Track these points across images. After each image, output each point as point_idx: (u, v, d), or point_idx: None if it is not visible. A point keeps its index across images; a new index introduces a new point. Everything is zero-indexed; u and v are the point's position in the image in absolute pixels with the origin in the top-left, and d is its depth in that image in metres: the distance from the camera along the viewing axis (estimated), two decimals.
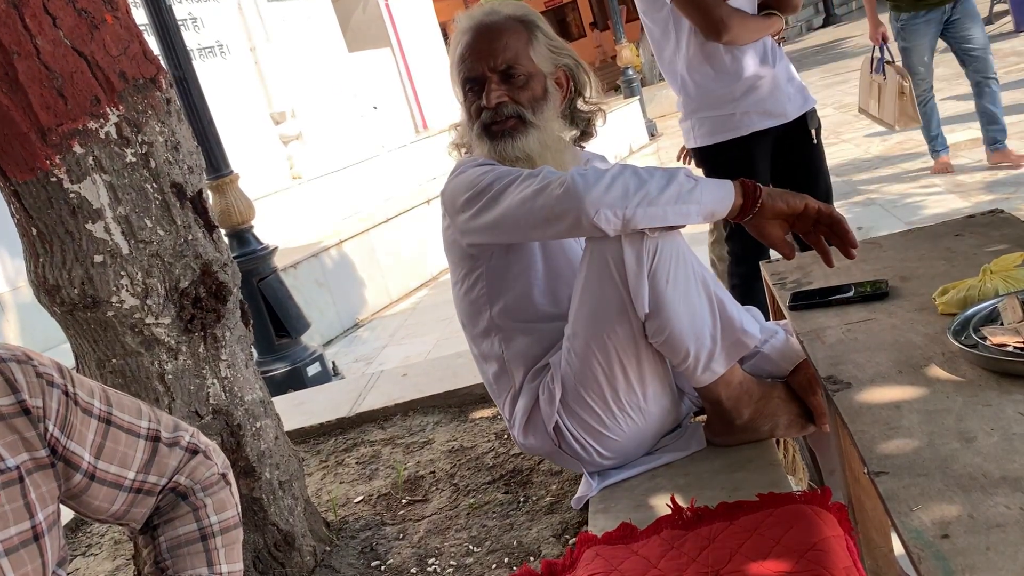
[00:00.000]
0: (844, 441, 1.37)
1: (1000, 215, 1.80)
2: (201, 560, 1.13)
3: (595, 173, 1.46)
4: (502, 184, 1.54)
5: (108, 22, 1.68)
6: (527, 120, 1.67)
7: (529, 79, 1.69)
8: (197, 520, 1.15)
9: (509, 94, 1.67)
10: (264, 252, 4.38)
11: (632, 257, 1.49)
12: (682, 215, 1.47)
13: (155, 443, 1.12)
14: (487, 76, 1.68)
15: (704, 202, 1.47)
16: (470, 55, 1.69)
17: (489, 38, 1.68)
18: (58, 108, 1.60)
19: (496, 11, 1.71)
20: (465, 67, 1.70)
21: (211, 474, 1.18)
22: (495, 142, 1.68)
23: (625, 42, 12.62)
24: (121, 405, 1.10)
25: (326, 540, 2.08)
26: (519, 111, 1.67)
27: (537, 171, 1.53)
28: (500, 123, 1.68)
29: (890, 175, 5.79)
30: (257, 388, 1.96)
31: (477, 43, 1.69)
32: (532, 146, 1.67)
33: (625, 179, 1.45)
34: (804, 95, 2.62)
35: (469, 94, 1.71)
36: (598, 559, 1.40)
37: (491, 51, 1.67)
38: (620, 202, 1.44)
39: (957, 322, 1.26)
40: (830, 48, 15.19)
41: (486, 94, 1.67)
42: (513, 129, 1.67)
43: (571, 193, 1.44)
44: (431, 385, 2.88)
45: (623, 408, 1.64)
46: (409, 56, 10.69)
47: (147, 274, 1.71)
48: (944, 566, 0.82)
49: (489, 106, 1.67)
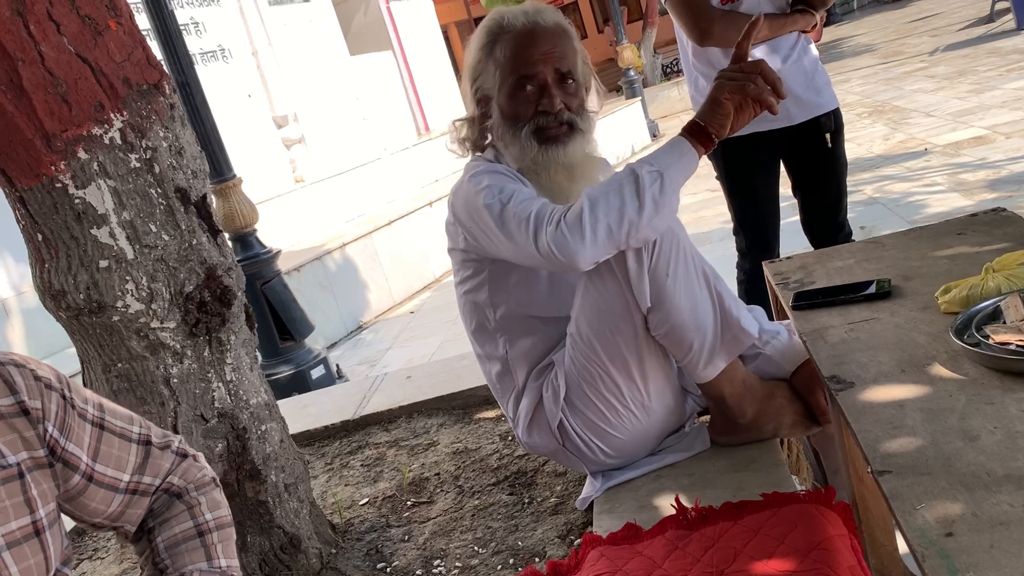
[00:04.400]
0: (848, 440, 1.37)
1: (1003, 213, 1.79)
2: (200, 555, 1.14)
3: (575, 221, 1.46)
4: (503, 222, 1.55)
5: (112, 28, 1.69)
6: (577, 128, 1.67)
7: (578, 87, 1.69)
8: (193, 518, 1.16)
9: (564, 100, 1.66)
10: (268, 256, 4.39)
11: (632, 253, 1.50)
12: (668, 212, 1.49)
13: (147, 446, 1.15)
14: (548, 79, 1.65)
15: (676, 179, 1.49)
16: (530, 55, 1.65)
17: (551, 41, 1.66)
18: (62, 114, 1.61)
19: (544, 13, 1.68)
20: (524, 66, 1.65)
21: (203, 475, 1.21)
22: (545, 146, 1.65)
23: (626, 43, 12.62)
24: (114, 412, 1.14)
25: (332, 542, 2.08)
26: (572, 119, 1.67)
27: (526, 212, 1.52)
28: (555, 128, 1.66)
29: (893, 174, 5.79)
30: (262, 391, 1.96)
31: (538, 44, 1.65)
32: (577, 154, 1.67)
33: (607, 213, 1.45)
34: (821, 98, 2.52)
35: (520, 93, 1.67)
36: (603, 560, 1.41)
37: (554, 55, 1.65)
38: (608, 243, 1.47)
39: (960, 321, 1.26)
40: (830, 48, 15.19)
41: (549, 98, 1.64)
42: (566, 136, 1.66)
43: (564, 252, 1.46)
44: (435, 387, 2.89)
45: (627, 405, 1.64)
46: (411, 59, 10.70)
47: (152, 279, 1.72)
48: (948, 564, 0.82)
49: (553, 110, 1.64)
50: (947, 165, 5.55)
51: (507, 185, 1.59)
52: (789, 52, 2.49)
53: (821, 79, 2.55)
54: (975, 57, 9.26)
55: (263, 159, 7.60)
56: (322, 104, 8.60)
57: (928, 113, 7.30)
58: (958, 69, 8.87)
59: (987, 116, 6.46)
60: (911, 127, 7.01)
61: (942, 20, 13.85)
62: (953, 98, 7.53)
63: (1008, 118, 6.20)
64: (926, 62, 10.20)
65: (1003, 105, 6.63)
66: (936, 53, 10.64)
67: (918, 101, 7.97)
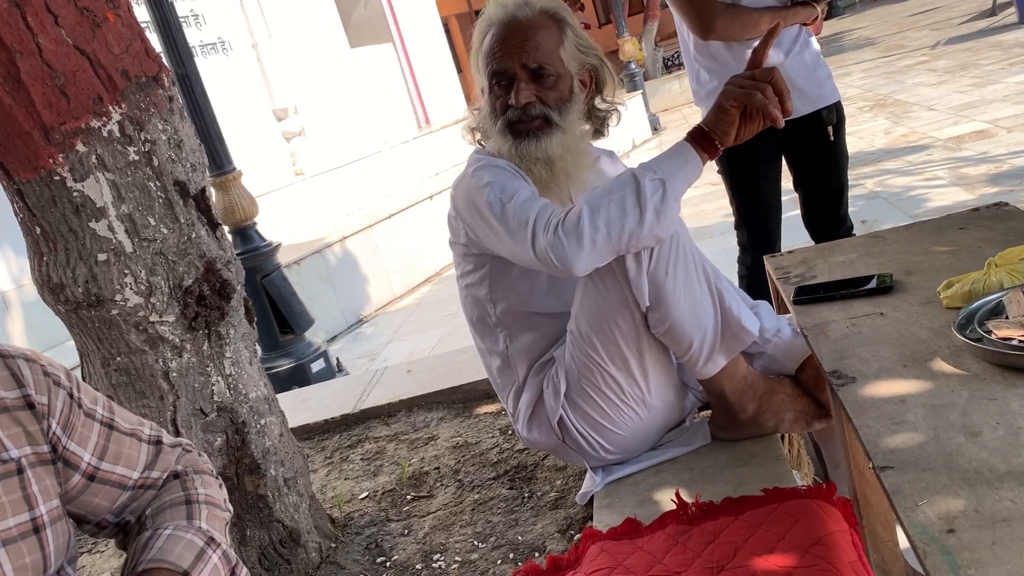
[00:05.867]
0: (849, 435, 1.37)
1: (1005, 208, 1.79)
2: (181, 514, 1.09)
3: (573, 228, 1.44)
4: (503, 222, 1.54)
5: (110, 20, 1.68)
6: (553, 122, 1.65)
7: (558, 80, 1.65)
8: (184, 489, 1.13)
9: (538, 94, 1.64)
10: (267, 249, 4.39)
11: (631, 254, 1.50)
12: (669, 221, 1.47)
13: (158, 445, 1.15)
14: (517, 73, 1.64)
15: (679, 188, 1.48)
16: (501, 49, 1.65)
17: (522, 34, 1.64)
18: (61, 107, 1.60)
19: (529, 4, 1.66)
20: (495, 61, 1.65)
21: (206, 464, 1.21)
22: (518, 140, 1.65)
23: (627, 36, 12.60)
24: (123, 415, 1.13)
25: (331, 536, 2.08)
26: (546, 112, 1.64)
27: (526, 214, 1.51)
28: (526, 122, 1.64)
29: (894, 168, 5.78)
30: (261, 385, 1.96)
31: (510, 37, 1.64)
32: (554, 148, 1.65)
33: (607, 222, 1.44)
34: (823, 91, 2.52)
35: (495, 87, 1.67)
36: (603, 554, 1.40)
37: (523, 48, 1.63)
38: (606, 251, 1.46)
39: (962, 316, 1.25)
40: (832, 40, 15.15)
41: (515, 92, 1.63)
42: (538, 130, 1.64)
43: (560, 258, 1.45)
44: (435, 381, 2.88)
45: (627, 402, 1.64)
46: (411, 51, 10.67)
47: (151, 272, 1.71)
48: (950, 560, 0.82)
49: (518, 105, 1.63)
50: (949, 159, 5.54)
51: (509, 183, 1.58)
52: (791, 46, 2.49)
53: (823, 72, 2.55)
54: (977, 51, 9.23)
55: (263, 152, 7.59)
56: (322, 97, 8.58)
57: (930, 107, 7.29)
58: (960, 63, 8.84)
59: (989, 110, 6.45)
60: (912, 121, 6.99)
61: (944, 13, 13.82)
62: (955, 92, 7.52)
63: (1010, 112, 6.19)
64: (928, 56, 10.17)
65: (1005, 99, 6.61)
66: (938, 47, 10.61)
67: (920, 95, 7.95)
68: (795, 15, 2.45)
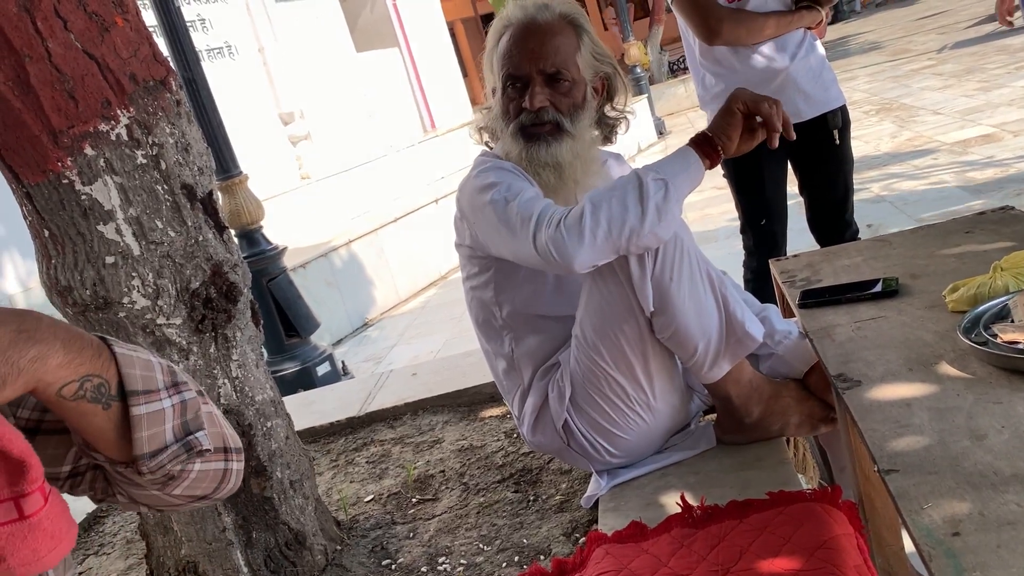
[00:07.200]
0: (854, 439, 1.37)
1: (1011, 212, 1.79)
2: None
3: (575, 223, 1.45)
4: (506, 219, 1.54)
5: (118, 25, 1.69)
6: (564, 128, 1.64)
7: (572, 86, 1.65)
8: None
9: (552, 99, 1.63)
10: (274, 252, 4.40)
11: (634, 258, 1.50)
12: (670, 221, 1.47)
13: None
14: (533, 77, 1.63)
15: (681, 189, 1.49)
16: (518, 52, 1.64)
17: (541, 38, 1.63)
18: (69, 110, 1.61)
19: (548, 7, 1.66)
20: (511, 63, 1.65)
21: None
22: (529, 145, 1.64)
23: (633, 40, 12.60)
24: None
25: (337, 539, 2.08)
26: (558, 118, 1.64)
27: (529, 211, 1.51)
28: (538, 127, 1.64)
29: (900, 172, 5.77)
30: (268, 388, 1.97)
31: (528, 41, 1.64)
32: (564, 155, 1.65)
33: (608, 218, 1.44)
34: (828, 95, 2.53)
35: (509, 89, 1.66)
36: (608, 558, 1.40)
37: (541, 53, 1.62)
38: (607, 248, 1.46)
39: (967, 319, 1.25)
40: (837, 45, 15.14)
41: (530, 96, 1.63)
42: (549, 135, 1.64)
43: (561, 253, 1.45)
44: (440, 384, 2.89)
45: (632, 406, 1.64)
46: (417, 56, 10.69)
47: (158, 275, 1.72)
48: (955, 564, 0.82)
49: (532, 108, 1.63)
50: (955, 163, 5.53)
51: (514, 183, 1.58)
52: (796, 49, 2.49)
53: (828, 76, 2.55)
54: (983, 55, 9.21)
55: (269, 156, 7.61)
56: (328, 101, 8.60)
57: (936, 111, 7.28)
58: (966, 67, 8.83)
59: (995, 114, 6.43)
60: (918, 125, 6.98)
61: (950, 17, 13.79)
62: (961, 96, 7.50)
63: (1016, 116, 6.17)
64: (934, 60, 10.16)
65: (1011, 103, 6.60)
66: (944, 51, 10.59)
67: (926, 99, 7.94)
68: (800, 19, 2.45)
